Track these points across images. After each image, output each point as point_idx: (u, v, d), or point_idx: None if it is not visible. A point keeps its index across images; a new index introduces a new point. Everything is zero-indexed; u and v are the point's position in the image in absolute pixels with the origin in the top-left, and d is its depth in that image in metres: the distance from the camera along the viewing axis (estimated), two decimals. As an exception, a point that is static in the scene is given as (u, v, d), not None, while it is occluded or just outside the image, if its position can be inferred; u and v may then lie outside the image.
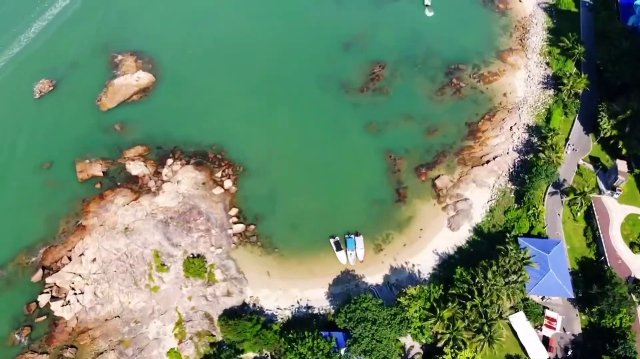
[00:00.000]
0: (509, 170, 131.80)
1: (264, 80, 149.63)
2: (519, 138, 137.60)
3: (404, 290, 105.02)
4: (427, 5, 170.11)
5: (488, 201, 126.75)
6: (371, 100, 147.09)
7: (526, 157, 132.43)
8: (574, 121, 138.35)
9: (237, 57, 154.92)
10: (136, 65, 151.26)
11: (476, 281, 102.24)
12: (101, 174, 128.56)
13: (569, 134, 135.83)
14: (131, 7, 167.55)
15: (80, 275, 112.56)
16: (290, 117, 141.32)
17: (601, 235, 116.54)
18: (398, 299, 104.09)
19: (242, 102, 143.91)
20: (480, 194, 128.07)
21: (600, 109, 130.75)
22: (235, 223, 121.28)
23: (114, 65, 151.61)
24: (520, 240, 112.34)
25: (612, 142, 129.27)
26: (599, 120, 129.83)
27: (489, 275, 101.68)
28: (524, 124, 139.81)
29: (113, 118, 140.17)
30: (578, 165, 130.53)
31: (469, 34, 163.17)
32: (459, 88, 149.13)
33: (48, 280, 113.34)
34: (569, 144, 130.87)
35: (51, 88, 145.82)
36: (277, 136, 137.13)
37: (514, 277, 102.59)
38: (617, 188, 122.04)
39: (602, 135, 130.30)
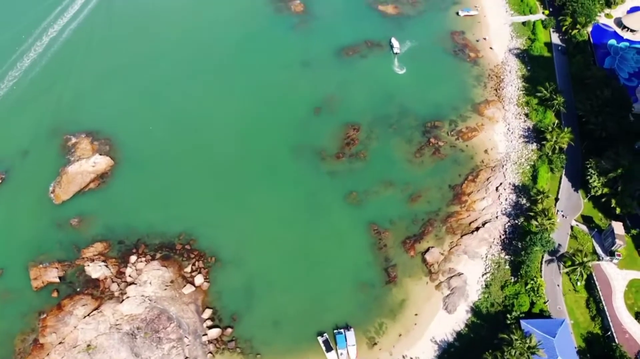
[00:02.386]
0: (500, 237, 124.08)
1: (232, 156, 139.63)
2: (506, 199, 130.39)
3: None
4: (395, 53, 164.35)
5: (483, 275, 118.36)
6: (348, 167, 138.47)
7: (517, 221, 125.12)
8: (561, 178, 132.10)
9: (202, 132, 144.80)
10: (92, 148, 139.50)
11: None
12: (57, 280, 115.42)
13: (557, 193, 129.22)
14: (84, 82, 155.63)
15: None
16: (264, 196, 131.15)
17: (605, 308, 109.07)
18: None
19: (210, 183, 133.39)
20: (473, 267, 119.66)
21: (588, 166, 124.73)
22: (210, 327, 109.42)
23: (68, 150, 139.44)
24: (523, 323, 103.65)
25: (604, 200, 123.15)
26: (588, 177, 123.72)
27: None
28: (510, 184, 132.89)
29: (68, 212, 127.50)
30: (572, 227, 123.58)
31: (443, 88, 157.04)
32: (438, 148, 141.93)
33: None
34: (559, 211, 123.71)
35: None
36: (251, 218, 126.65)
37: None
38: (616, 252, 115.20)
39: (592, 193, 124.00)
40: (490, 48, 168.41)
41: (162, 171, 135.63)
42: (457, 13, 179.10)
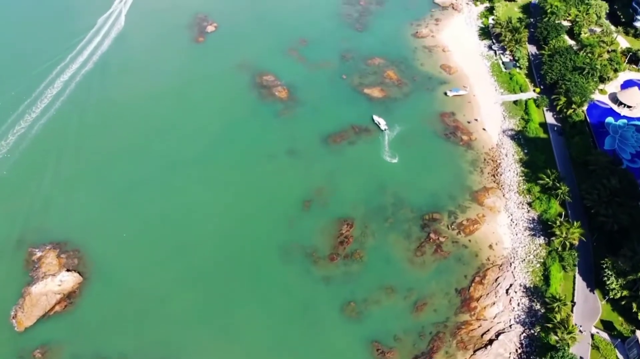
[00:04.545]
0: (517, 350, 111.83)
1: (215, 262, 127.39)
2: (519, 304, 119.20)
3: None
4: (383, 130, 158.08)
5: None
6: (344, 271, 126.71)
7: (532, 331, 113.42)
8: (574, 278, 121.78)
9: (181, 235, 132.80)
10: (59, 262, 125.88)
11: None
12: None
13: (573, 296, 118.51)
14: (54, 184, 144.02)
15: None
16: (252, 312, 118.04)
17: None
18: None
19: (191, 298, 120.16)
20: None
21: (604, 266, 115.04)
22: None
23: (32, 265, 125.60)
24: None
25: (623, 303, 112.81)
26: (605, 279, 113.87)
27: None
28: (521, 285, 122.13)
29: (32, 342, 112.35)
30: (592, 335, 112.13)
31: (437, 175, 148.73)
32: (439, 245, 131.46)
33: None
34: (577, 325, 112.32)
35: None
36: (238, 344, 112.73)
37: None
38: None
39: (610, 296, 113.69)
40: (483, 129, 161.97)
41: (137, 286, 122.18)
42: (446, 93, 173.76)
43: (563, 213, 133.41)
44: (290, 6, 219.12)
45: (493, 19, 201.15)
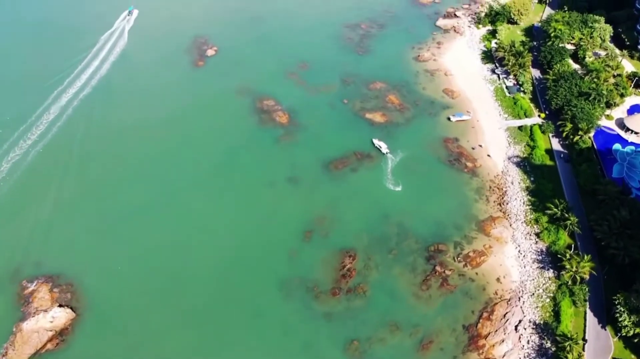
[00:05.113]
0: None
1: (213, 297, 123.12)
2: (528, 342, 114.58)
3: None
4: (385, 153, 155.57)
5: None
6: (347, 307, 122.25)
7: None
8: (585, 314, 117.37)
9: (178, 268, 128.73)
10: (51, 297, 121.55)
11: None
12: None
13: (584, 333, 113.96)
14: (48, 213, 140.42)
15: None
16: (249, 349, 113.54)
17: None
18: None
19: (187, 337, 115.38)
20: None
21: (616, 302, 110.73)
22: None
23: (25, 300, 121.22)
24: None
25: (636, 340, 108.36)
26: (617, 315, 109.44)
27: None
28: (531, 321, 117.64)
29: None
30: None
31: (442, 203, 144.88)
32: (445, 278, 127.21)
33: None
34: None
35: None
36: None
37: None
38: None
39: (623, 333, 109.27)
40: (488, 156, 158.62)
41: (130, 322, 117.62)
42: (449, 118, 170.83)
43: (572, 245, 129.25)
44: (291, 29, 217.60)
45: (496, 43, 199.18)
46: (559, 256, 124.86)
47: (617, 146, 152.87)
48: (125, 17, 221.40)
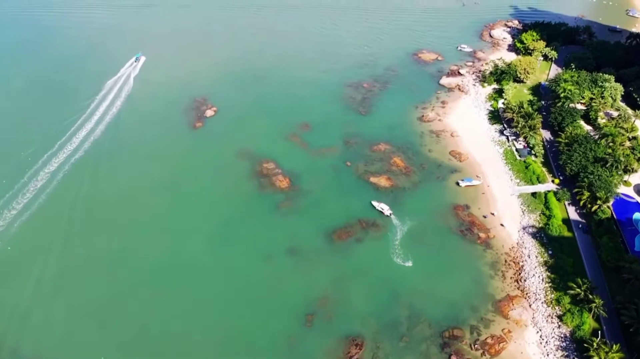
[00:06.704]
0: None
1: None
2: None
3: None
4: (388, 215, 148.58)
5: None
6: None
7: None
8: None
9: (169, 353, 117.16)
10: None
11: None
12: None
13: None
14: (28, 298, 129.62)
15: None
16: None
17: None
18: None
19: None
20: None
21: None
22: None
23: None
24: None
25: None
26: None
27: None
28: None
29: None
30: None
31: (456, 281, 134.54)
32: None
33: None
34: None
35: None
36: None
37: None
38: None
39: None
40: (501, 225, 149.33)
41: None
42: (458, 183, 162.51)
43: (599, 330, 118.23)
44: (292, 89, 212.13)
45: (503, 103, 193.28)
46: (585, 344, 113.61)
47: (637, 215, 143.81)
48: (132, 64, 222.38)
